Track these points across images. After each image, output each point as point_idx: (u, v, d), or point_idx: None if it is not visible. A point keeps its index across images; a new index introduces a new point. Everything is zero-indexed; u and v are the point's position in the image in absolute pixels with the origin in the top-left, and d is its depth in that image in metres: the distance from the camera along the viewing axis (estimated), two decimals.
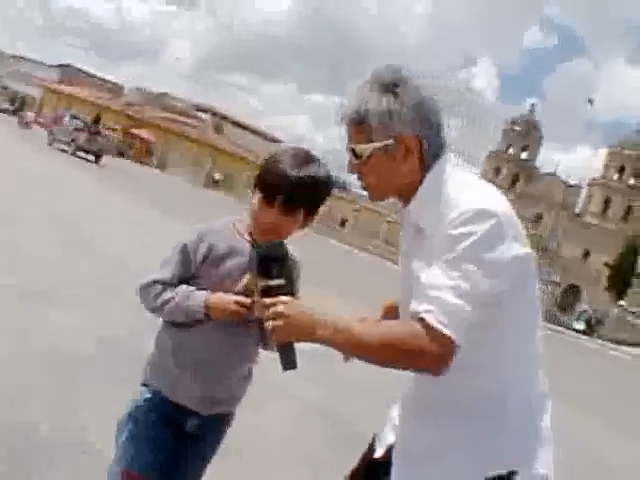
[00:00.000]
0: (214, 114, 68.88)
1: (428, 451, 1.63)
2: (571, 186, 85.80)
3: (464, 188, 1.54)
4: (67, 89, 62.70)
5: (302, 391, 5.21)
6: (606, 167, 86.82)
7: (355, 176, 1.69)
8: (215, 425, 1.96)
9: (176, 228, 13.72)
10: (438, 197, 1.55)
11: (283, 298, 1.49)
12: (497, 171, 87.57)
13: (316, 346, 1.48)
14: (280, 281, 1.54)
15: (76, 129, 33.40)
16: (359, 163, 1.63)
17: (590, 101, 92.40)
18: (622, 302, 45.52)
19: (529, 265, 1.54)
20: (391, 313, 1.90)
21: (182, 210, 18.08)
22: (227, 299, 1.79)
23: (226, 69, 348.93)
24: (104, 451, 2.58)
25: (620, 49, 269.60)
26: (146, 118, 57.75)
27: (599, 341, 31.33)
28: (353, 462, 1.89)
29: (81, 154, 30.15)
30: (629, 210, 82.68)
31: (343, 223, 59.00)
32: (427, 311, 1.41)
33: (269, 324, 1.47)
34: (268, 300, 1.50)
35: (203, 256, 1.84)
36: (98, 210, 13.02)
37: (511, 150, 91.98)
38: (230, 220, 1.94)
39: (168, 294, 1.82)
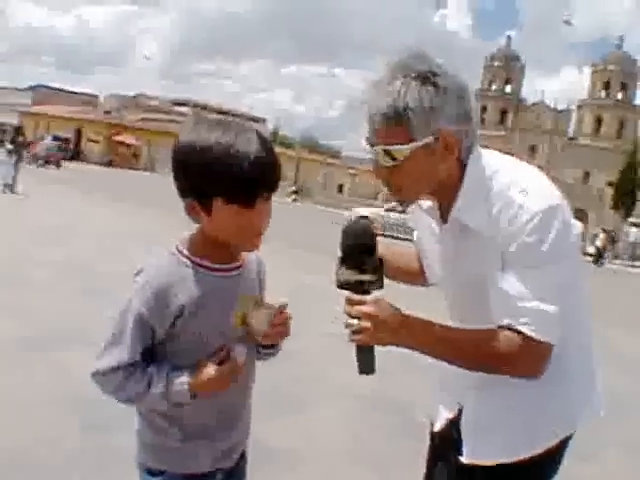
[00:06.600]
0: (194, 106, 68.45)
1: (496, 421, 1.60)
2: (560, 111, 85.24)
3: (515, 183, 1.44)
4: (43, 109, 62.06)
5: (346, 381, 4.88)
6: (592, 86, 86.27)
7: (381, 182, 1.52)
8: (238, 468, 1.67)
9: None
10: (487, 195, 1.45)
11: (372, 297, 1.40)
12: (484, 109, 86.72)
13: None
14: (373, 277, 1.42)
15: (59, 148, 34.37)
16: (393, 166, 1.45)
17: (567, 22, 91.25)
18: (632, 219, 45.16)
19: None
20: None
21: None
22: (215, 380, 1.42)
23: (197, 58, 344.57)
24: None
25: None
26: (126, 122, 57.28)
27: (617, 261, 31.00)
28: (418, 455, 1.75)
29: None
30: (621, 125, 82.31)
31: (341, 189, 58.67)
32: (524, 324, 1.40)
33: (353, 323, 1.39)
34: (356, 297, 1.40)
35: (174, 318, 1.41)
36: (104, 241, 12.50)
37: (494, 86, 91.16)
38: (169, 251, 1.47)
39: (134, 386, 1.41)
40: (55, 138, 46.00)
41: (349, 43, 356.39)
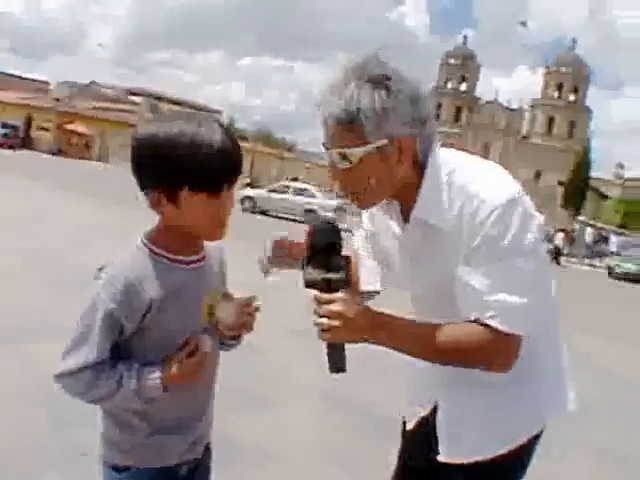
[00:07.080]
0: (148, 96, 67.62)
1: (470, 419, 1.61)
2: (513, 110, 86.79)
3: (475, 179, 1.44)
4: None
5: (310, 380, 4.86)
6: (545, 87, 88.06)
7: (337, 185, 1.51)
8: (203, 461, 1.63)
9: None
10: (448, 192, 1.45)
11: (341, 295, 1.38)
12: (439, 106, 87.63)
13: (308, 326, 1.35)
14: (341, 275, 1.40)
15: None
16: (347, 168, 1.44)
17: (523, 23, 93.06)
18: (581, 217, 46.28)
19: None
20: None
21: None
22: (186, 372, 1.41)
23: (153, 47, 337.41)
24: None
25: None
26: (78, 111, 56.06)
27: (574, 260, 31.70)
28: (387, 452, 1.74)
29: None
30: (572, 126, 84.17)
31: (295, 181, 58.72)
32: (491, 317, 1.38)
33: (322, 322, 1.37)
34: (324, 296, 1.39)
35: (144, 312, 1.38)
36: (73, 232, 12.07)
37: (450, 84, 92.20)
38: (138, 246, 1.44)
39: (105, 384, 1.37)
40: (4, 125, 44.81)
41: (309, 38, 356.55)
